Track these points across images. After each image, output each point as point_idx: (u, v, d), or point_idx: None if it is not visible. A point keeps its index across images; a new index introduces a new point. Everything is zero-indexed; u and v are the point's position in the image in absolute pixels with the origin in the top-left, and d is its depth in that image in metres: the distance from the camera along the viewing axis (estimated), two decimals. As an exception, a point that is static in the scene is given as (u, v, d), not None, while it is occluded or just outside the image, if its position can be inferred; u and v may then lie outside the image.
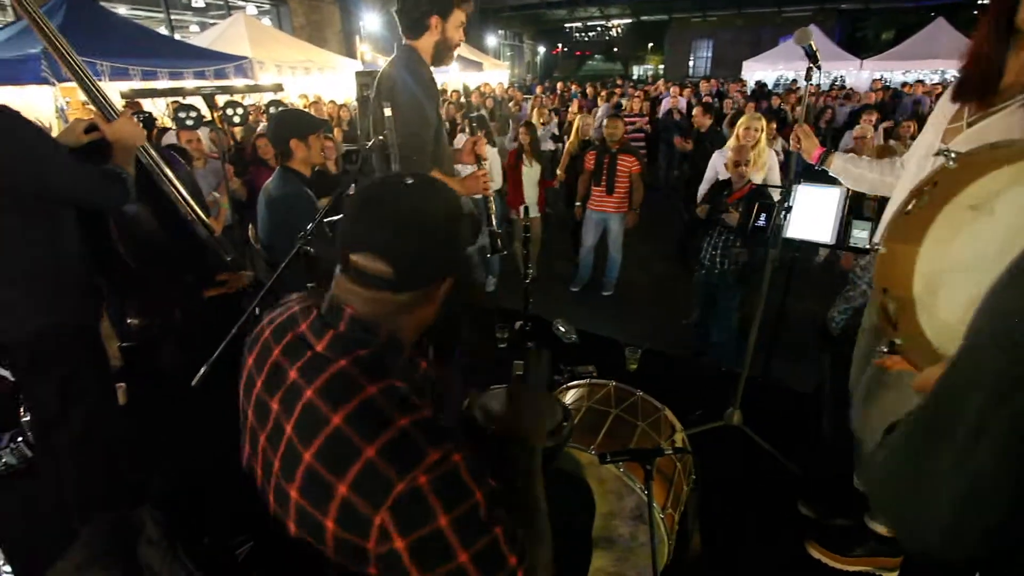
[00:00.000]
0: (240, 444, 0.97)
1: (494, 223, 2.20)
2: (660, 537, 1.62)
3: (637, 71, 33.35)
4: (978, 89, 1.39)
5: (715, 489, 2.17)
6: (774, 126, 5.19)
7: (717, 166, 3.76)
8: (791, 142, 2.07)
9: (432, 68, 2.07)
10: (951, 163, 0.93)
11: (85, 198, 1.70)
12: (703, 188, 3.84)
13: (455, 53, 2.08)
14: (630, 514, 1.73)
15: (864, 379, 1.80)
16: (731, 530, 2.15)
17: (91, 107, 1.92)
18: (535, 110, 6.68)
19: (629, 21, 29.27)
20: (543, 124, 6.29)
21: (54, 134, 1.86)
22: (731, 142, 3.67)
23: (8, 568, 1.89)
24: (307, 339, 0.86)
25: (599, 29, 32.30)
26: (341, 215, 1.05)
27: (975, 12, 20.43)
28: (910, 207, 0.97)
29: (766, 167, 3.58)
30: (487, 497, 0.76)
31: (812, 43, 1.94)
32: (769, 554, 2.09)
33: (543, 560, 0.87)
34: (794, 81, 14.59)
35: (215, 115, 3.22)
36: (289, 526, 0.81)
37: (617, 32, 32.15)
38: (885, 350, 1.02)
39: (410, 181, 0.85)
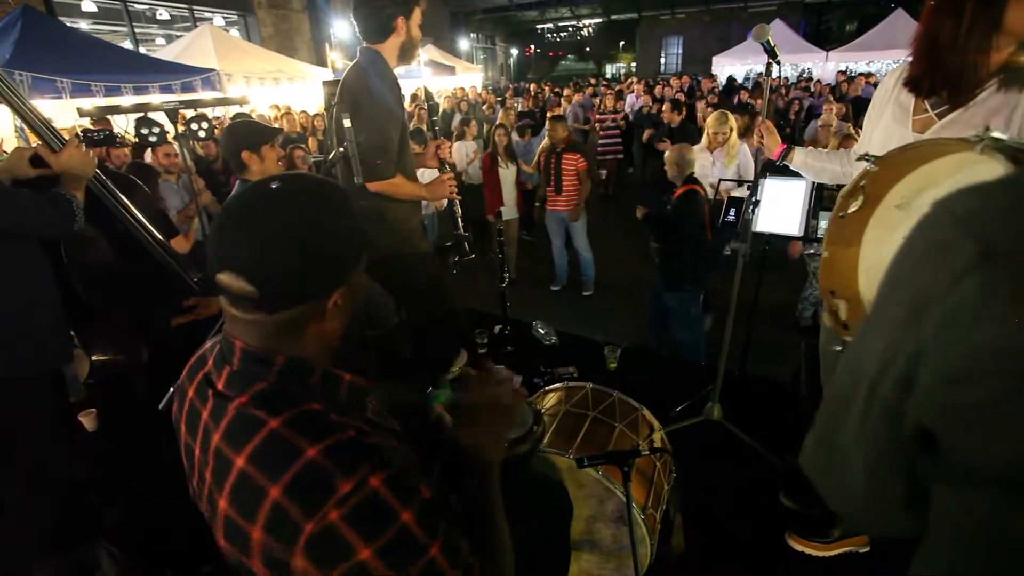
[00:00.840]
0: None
1: (460, 226, 2.18)
2: (642, 537, 1.62)
3: (610, 69, 33.60)
4: (951, 85, 1.37)
5: (697, 485, 2.18)
6: (747, 119, 5.26)
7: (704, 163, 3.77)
8: (754, 139, 2.10)
9: (398, 69, 2.06)
10: (871, 166, 0.97)
11: (21, 225, 1.57)
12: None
13: (416, 54, 2.08)
14: (612, 516, 1.73)
15: (827, 372, 1.82)
16: (714, 526, 2.16)
17: (54, 123, 1.80)
18: (503, 112, 6.63)
19: (600, 20, 29.50)
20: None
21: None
22: (704, 141, 3.73)
23: None
24: (211, 378, 0.83)
25: (571, 29, 32.49)
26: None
27: (931, 2, 21.06)
28: (845, 212, 0.99)
29: (736, 161, 3.63)
30: (419, 513, 0.71)
31: (770, 39, 1.96)
32: (753, 548, 2.10)
33: (501, 570, 0.84)
34: (761, 75, 14.85)
35: (178, 130, 3.14)
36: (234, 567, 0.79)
37: (589, 32, 32.38)
38: (839, 349, 1.04)
39: (274, 186, 0.76)
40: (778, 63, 2.06)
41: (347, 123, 1.64)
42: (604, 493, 1.70)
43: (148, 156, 4.56)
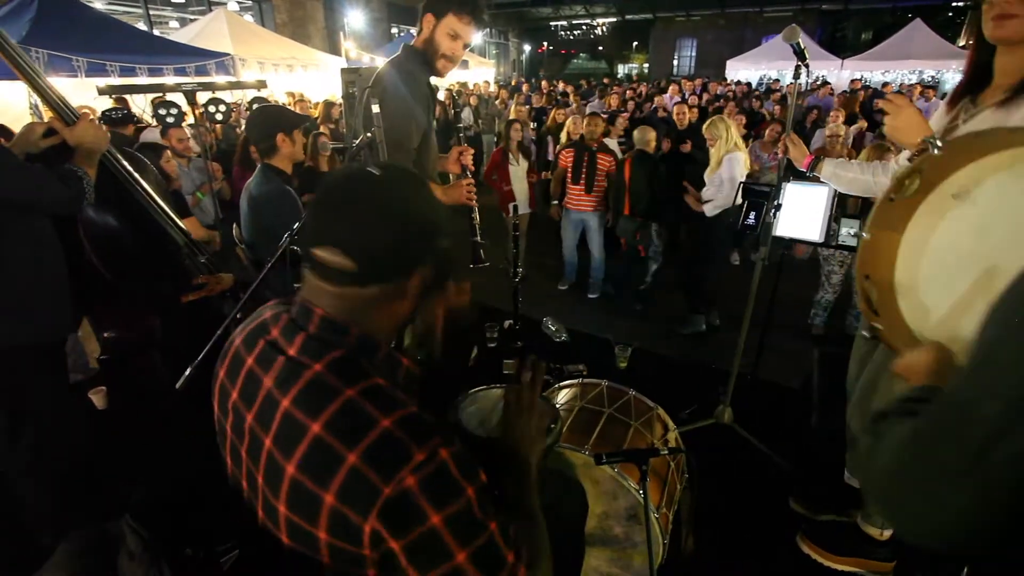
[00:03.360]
0: (221, 455, 0.93)
1: (478, 234, 2.16)
2: (655, 537, 1.62)
3: (622, 69, 33.49)
4: (968, 90, 1.40)
5: (707, 487, 2.17)
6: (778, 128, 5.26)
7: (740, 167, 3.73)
8: (779, 150, 2.10)
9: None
10: (936, 151, 0.94)
11: (31, 199, 1.57)
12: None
13: (446, 64, 1.97)
14: (625, 514, 1.72)
15: (865, 373, 1.80)
16: (723, 528, 2.15)
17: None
18: (512, 108, 6.48)
19: (614, 20, 29.33)
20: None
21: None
22: (722, 146, 3.71)
23: None
24: (279, 344, 0.83)
25: (584, 27, 32.33)
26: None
27: (950, 14, 20.91)
28: (894, 195, 0.97)
29: (717, 170, 3.59)
30: (478, 493, 0.75)
31: (800, 40, 1.95)
32: (761, 551, 2.09)
33: (542, 563, 0.85)
34: (775, 80, 14.77)
35: (195, 112, 3.14)
36: (282, 539, 0.78)
37: (602, 31, 32.21)
38: (867, 335, 1.03)
39: (376, 172, 0.82)
40: (807, 66, 2.04)
41: (376, 109, 1.63)
42: (618, 490, 1.70)
43: (146, 135, 4.51)
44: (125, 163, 2.03)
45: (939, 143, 0.93)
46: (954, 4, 19.26)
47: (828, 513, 2.15)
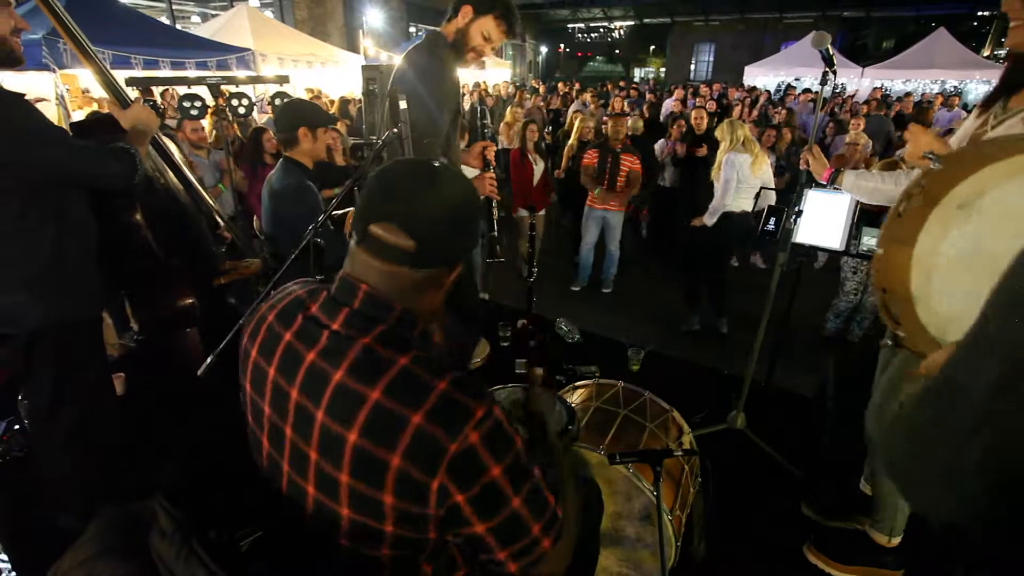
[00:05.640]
0: (250, 437, 0.95)
1: (495, 228, 2.18)
2: (668, 538, 1.62)
3: (638, 73, 33.33)
4: (1000, 94, 1.39)
5: (719, 492, 2.16)
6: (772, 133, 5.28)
7: (739, 169, 3.73)
8: (800, 163, 2.09)
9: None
10: (936, 165, 0.96)
11: (84, 174, 1.63)
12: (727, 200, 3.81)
13: (473, 58, 2.03)
14: (638, 515, 1.72)
15: (885, 377, 1.79)
16: (734, 533, 2.14)
17: (91, 96, 1.89)
18: (510, 108, 6.17)
19: (632, 23, 29.24)
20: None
21: (53, 120, 1.82)
22: (725, 147, 3.74)
23: (5, 558, 1.86)
24: (320, 320, 0.85)
25: (601, 30, 32.26)
26: (351, 207, 1.05)
27: (975, 24, 20.59)
28: (901, 209, 0.99)
29: (765, 166, 3.61)
30: (524, 442, 0.81)
31: (829, 47, 1.94)
32: (772, 558, 2.08)
33: (570, 503, 0.92)
34: (790, 87, 14.63)
35: (221, 103, 3.18)
36: (342, 513, 0.80)
37: (619, 34, 32.13)
38: (890, 343, 1.06)
39: (437, 164, 0.87)
40: (834, 73, 2.03)
41: (403, 104, 1.65)
42: (632, 491, 1.70)
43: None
44: (169, 144, 2.13)
45: (937, 156, 0.95)
46: (980, 14, 18.97)
47: (839, 520, 2.14)
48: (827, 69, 2.00)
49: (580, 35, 33.60)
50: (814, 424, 2.76)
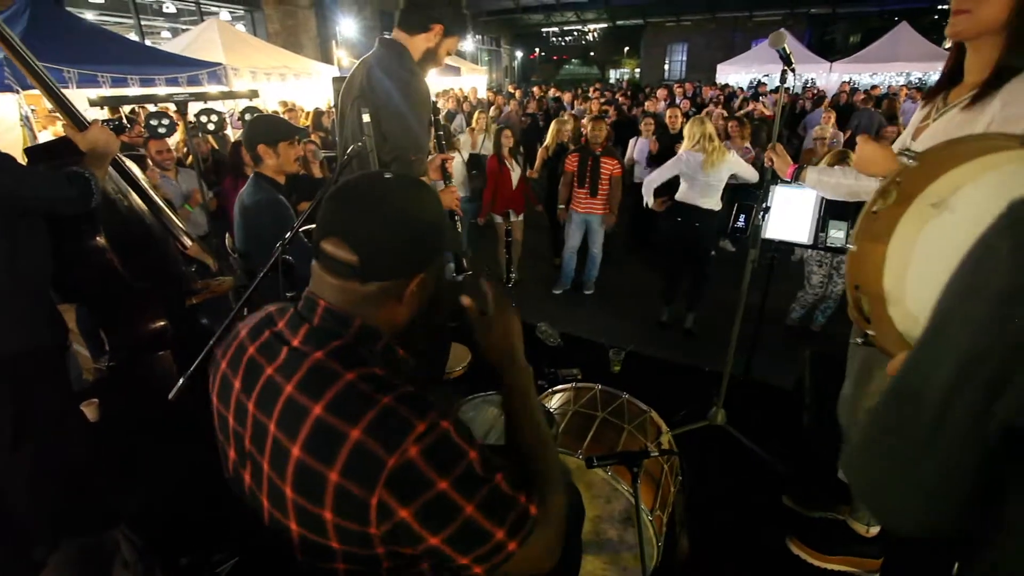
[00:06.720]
0: (219, 452, 0.94)
1: (463, 243, 2.19)
2: (648, 539, 1.63)
3: (614, 74, 33.63)
4: (941, 87, 1.43)
5: (701, 489, 2.18)
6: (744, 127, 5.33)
7: (685, 165, 3.78)
8: (765, 160, 2.11)
9: None
10: (911, 162, 0.97)
11: (35, 198, 1.59)
12: (657, 180, 3.90)
13: (428, 70, 2.06)
14: (619, 517, 1.73)
15: (855, 371, 1.82)
16: (717, 529, 2.17)
17: (57, 115, 1.85)
18: (476, 114, 6.07)
19: (605, 25, 29.52)
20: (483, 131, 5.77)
21: (19, 143, 1.78)
22: (685, 144, 3.75)
23: None
24: (283, 336, 0.86)
25: (576, 33, 32.50)
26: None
27: (935, 17, 21.15)
28: (876, 207, 0.99)
29: (723, 165, 3.63)
30: (481, 454, 0.78)
31: (786, 46, 1.98)
32: (755, 552, 2.11)
33: (556, 495, 0.87)
34: (760, 83, 14.88)
35: (184, 122, 3.14)
36: (291, 527, 0.80)
37: (594, 36, 32.41)
38: (860, 341, 1.05)
39: (387, 176, 0.87)
40: (793, 71, 2.08)
41: (366, 118, 1.64)
42: (611, 494, 1.71)
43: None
44: (132, 166, 2.09)
45: (914, 154, 0.96)
46: (939, 7, 19.50)
47: (819, 510, 2.17)
48: (785, 68, 2.04)
49: (554, 39, 33.84)
50: (793, 415, 2.81)
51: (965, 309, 0.53)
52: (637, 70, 30.88)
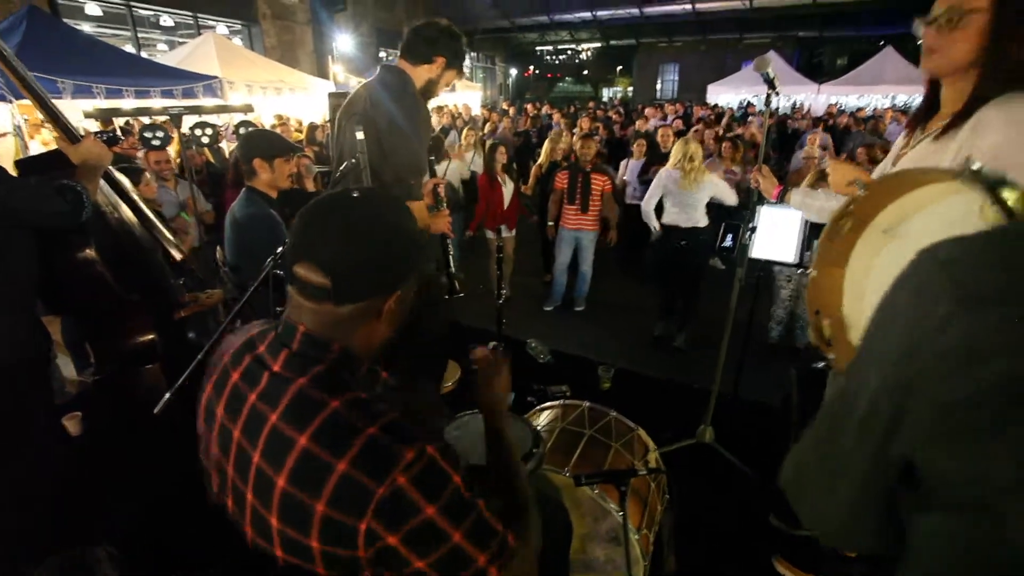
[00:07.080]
0: (204, 472, 0.94)
1: (453, 266, 2.20)
2: (636, 558, 1.62)
3: (607, 93, 34.13)
4: (919, 118, 1.47)
5: (689, 507, 2.18)
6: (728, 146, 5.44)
7: (665, 182, 3.85)
8: (751, 182, 2.15)
9: None
10: (861, 191, 1.00)
11: (25, 211, 1.58)
12: (651, 203, 3.95)
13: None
14: (606, 536, 1.73)
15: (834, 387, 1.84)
16: (705, 548, 2.16)
17: (48, 127, 1.84)
18: (465, 131, 6.15)
19: (599, 45, 30.02)
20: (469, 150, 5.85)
21: (10, 152, 1.78)
22: (670, 162, 3.82)
23: None
24: (264, 360, 0.86)
25: (569, 52, 33.01)
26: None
27: (920, 42, 21.69)
28: (834, 234, 1.03)
29: (700, 185, 3.70)
30: (464, 478, 0.80)
31: (770, 70, 2.03)
32: (742, 571, 2.11)
33: (529, 527, 0.91)
34: (749, 104, 15.14)
35: (179, 135, 3.16)
36: (276, 554, 0.80)
37: (587, 55, 32.93)
38: (822, 365, 1.07)
39: (355, 195, 0.85)
40: (777, 94, 2.13)
41: (359, 135, 1.66)
42: (599, 512, 1.71)
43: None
44: (123, 179, 2.09)
45: (863, 183, 1.00)
46: (924, 33, 19.96)
47: (806, 529, 2.18)
48: (769, 91, 2.09)
49: (548, 57, 34.31)
50: (781, 434, 2.82)
51: (875, 346, 0.57)
52: (630, 89, 31.34)
